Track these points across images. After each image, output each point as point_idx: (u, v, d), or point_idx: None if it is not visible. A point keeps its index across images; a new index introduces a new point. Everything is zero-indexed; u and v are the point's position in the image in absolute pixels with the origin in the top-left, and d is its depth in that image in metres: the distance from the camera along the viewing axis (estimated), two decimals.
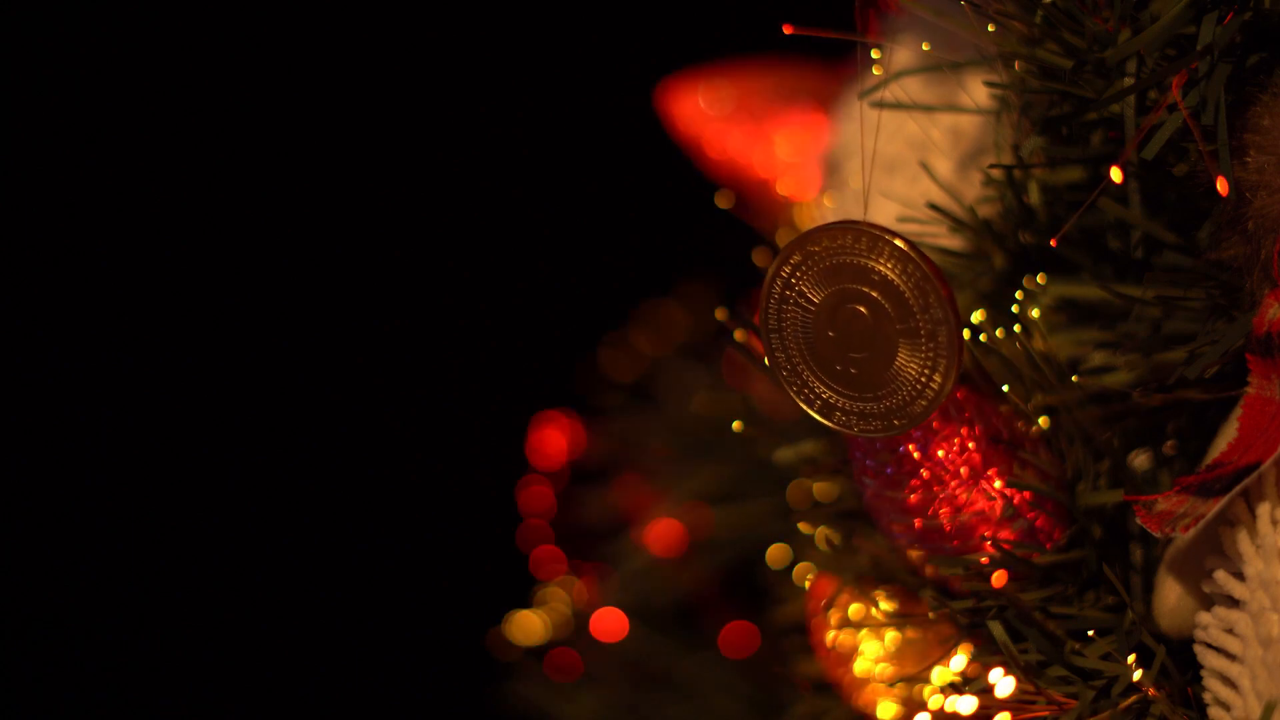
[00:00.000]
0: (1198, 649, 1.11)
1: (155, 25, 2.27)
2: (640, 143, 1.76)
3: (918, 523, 1.17)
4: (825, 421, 1.13)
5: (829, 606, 1.28)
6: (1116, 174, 1.09)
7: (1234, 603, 1.09)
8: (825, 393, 1.13)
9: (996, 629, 1.15)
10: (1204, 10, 1.08)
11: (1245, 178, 1.09)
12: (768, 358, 1.14)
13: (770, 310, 1.13)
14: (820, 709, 1.35)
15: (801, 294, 1.12)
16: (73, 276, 2.29)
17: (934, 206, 1.24)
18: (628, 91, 1.76)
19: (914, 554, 1.19)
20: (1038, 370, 1.19)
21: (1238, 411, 1.11)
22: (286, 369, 2.32)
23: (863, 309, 1.11)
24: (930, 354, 1.10)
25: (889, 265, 1.09)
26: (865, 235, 1.09)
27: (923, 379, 1.10)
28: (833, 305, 1.11)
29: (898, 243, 1.09)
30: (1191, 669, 1.13)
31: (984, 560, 1.16)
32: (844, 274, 1.10)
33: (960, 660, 1.17)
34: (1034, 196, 1.22)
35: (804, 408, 1.13)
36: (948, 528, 1.17)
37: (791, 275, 1.11)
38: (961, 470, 1.16)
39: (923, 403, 1.11)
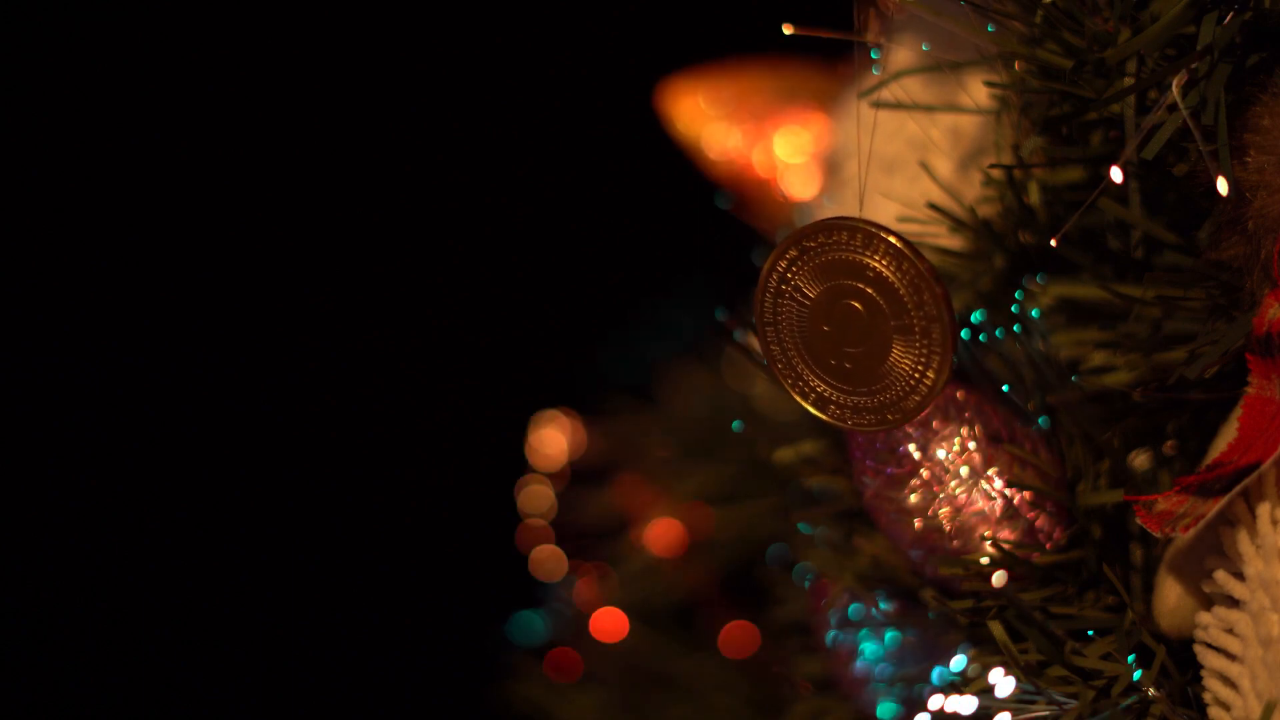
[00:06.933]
0: (1198, 649, 1.11)
1: (155, 25, 2.27)
2: (640, 143, 1.76)
3: (918, 523, 1.17)
4: (819, 414, 1.13)
5: (829, 606, 1.28)
6: (1116, 174, 1.09)
7: (1234, 603, 1.09)
8: (820, 386, 1.13)
9: (996, 629, 1.15)
10: (1204, 10, 1.08)
11: (1245, 178, 1.09)
12: (763, 351, 1.14)
13: (766, 304, 1.13)
14: (820, 709, 1.35)
15: (797, 288, 1.12)
16: (73, 277, 2.29)
17: (934, 206, 1.24)
18: (628, 91, 1.76)
19: (914, 554, 1.19)
20: (1038, 370, 1.19)
21: (1238, 411, 1.11)
22: (287, 369, 2.32)
23: (858, 304, 1.11)
24: (923, 350, 1.10)
25: (883, 262, 1.09)
26: (860, 232, 1.10)
27: (916, 375, 1.11)
28: (828, 300, 1.12)
29: (892, 240, 1.09)
30: (1191, 669, 1.13)
31: (984, 560, 1.16)
32: (839, 270, 1.11)
33: (960, 660, 1.17)
34: (1034, 196, 1.22)
35: (798, 400, 1.14)
36: (948, 528, 1.17)
37: (787, 270, 1.12)
38: (961, 470, 1.16)
39: (916, 398, 1.11)
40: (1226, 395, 1.13)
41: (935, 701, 1.16)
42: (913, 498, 1.17)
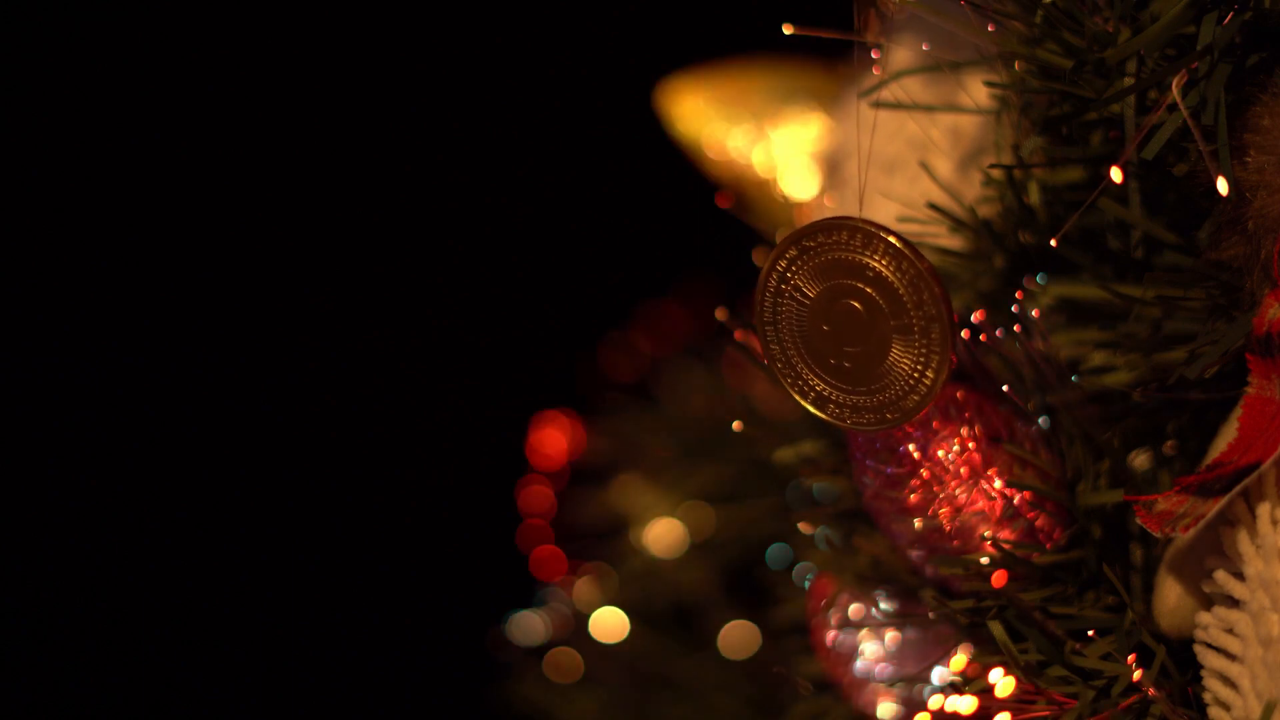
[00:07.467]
0: (1198, 649, 1.11)
1: (155, 25, 2.27)
2: (640, 143, 1.76)
3: (918, 523, 1.17)
4: (818, 413, 1.14)
5: (829, 606, 1.28)
6: (1116, 174, 1.09)
7: (1234, 603, 1.09)
8: (819, 385, 1.13)
9: (996, 629, 1.15)
10: (1204, 10, 1.07)
11: (1245, 178, 1.09)
12: (763, 350, 1.14)
13: (765, 304, 1.13)
14: (820, 709, 1.35)
15: (797, 288, 1.12)
16: (73, 277, 2.29)
17: (934, 206, 1.24)
18: (628, 91, 1.76)
19: (914, 554, 1.19)
20: (1038, 370, 1.19)
21: (1238, 411, 1.11)
22: (287, 369, 2.32)
23: (857, 304, 1.11)
24: (923, 350, 1.10)
25: (883, 262, 1.10)
26: (860, 232, 1.10)
27: (915, 374, 1.11)
28: (827, 300, 1.12)
29: (892, 240, 1.09)
30: (1191, 669, 1.13)
31: (984, 560, 1.16)
32: (839, 269, 1.11)
33: (960, 660, 1.17)
34: (1034, 196, 1.22)
35: (798, 399, 1.14)
36: (948, 528, 1.17)
37: (787, 270, 1.12)
38: (961, 470, 1.16)
39: (915, 398, 1.11)
40: (1226, 395, 1.13)
41: (935, 701, 1.16)
42: (913, 498, 1.17)
